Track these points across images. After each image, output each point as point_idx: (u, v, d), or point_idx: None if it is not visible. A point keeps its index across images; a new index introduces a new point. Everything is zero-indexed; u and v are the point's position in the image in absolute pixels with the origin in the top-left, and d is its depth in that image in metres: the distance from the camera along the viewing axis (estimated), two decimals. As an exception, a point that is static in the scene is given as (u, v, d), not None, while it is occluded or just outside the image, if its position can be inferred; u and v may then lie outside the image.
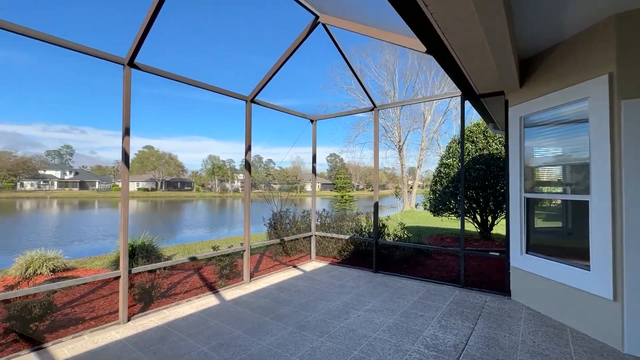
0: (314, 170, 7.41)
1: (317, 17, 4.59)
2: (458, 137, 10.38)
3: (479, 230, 9.77)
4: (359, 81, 5.90)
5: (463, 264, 5.15)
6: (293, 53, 5.03)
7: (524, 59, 4.33)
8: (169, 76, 4.28)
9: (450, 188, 9.30)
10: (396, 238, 7.30)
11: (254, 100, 5.54)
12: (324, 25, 4.70)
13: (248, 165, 5.51)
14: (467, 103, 5.46)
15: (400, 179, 36.53)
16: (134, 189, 65.73)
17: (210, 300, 4.64)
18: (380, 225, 7.08)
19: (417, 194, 33.92)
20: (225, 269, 5.45)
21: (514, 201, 4.55)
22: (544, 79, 4.06)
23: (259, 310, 4.24)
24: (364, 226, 7.66)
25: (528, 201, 4.41)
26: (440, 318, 3.95)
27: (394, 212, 23.46)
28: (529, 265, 4.29)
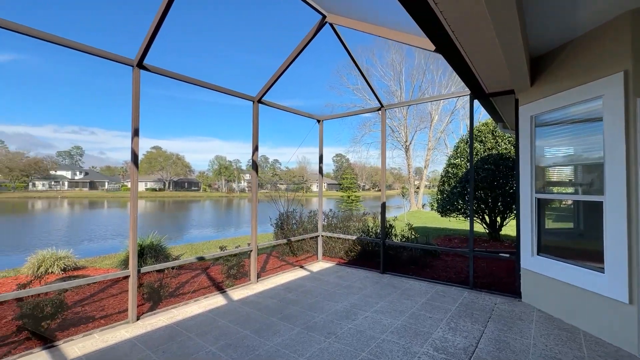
0: (320, 170, 7.40)
1: (325, 17, 4.58)
2: (466, 137, 10.26)
3: (487, 231, 9.64)
4: (366, 81, 5.87)
5: (472, 265, 5.08)
6: (300, 53, 5.03)
7: (535, 57, 4.26)
8: (177, 77, 4.31)
9: (458, 188, 9.20)
10: (404, 239, 7.25)
11: (260, 100, 5.55)
12: (331, 24, 4.68)
13: (255, 166, 5.52)
14: (476, 102, 5.39)
15: (406, 179, 36.33)
16: (142, 189, 66.57)
17: (218, 300, 4.65)
18: (388, 225, 7.04)
19: (424, 194, 33.68)
20: (233, 269, 5.47)
21: (524, 202, 4.47)
22: (556, 77, 3.98)
23: (266, 311, 4.24)
24: (371, 227, 7.62)
25: (539, 202, 4.33)
26: (449, 320, 3.90)
27: (401, 213, 23.32)
28: (540, 267, 4.21)
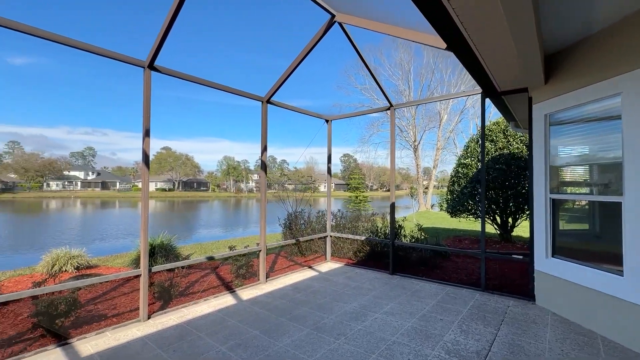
0: (329, 170, 7.38)
1: (334, 16, 4.56)
2: (476, 136, 10.11)
3: (498, 232, 9.47)
4: (375, 80, 5.82)
5: (484, 267, 4.99)
6: (309, 53, 5.01)
7: (549, 54, 4.15)
8: (187, 78, 4.35)
9: (468, 188, 9.06)
10: (413, 239, 7.17)
11: (269, 101, 5.55)
12: (340, 24, 4.65)
13: (264, 166, 5.53)
14: (487, 101, 5.29)
15: (415, 179, 36.01)
16: (152, 189, 67.56)
17: (228, 299, 4.67)
18: (397, 226, 6.97)
19: (433, 195, 33.32)
20: (242, 269, 5.49)
21: (538, 202, 4.36)
22: (572, 74, 3.88)
23: (275, 311, 4.23)
24: (380, 227, 7.56)
25: (554, 202, 4.23)
26: (461, 322, 3.83)
27: (410, 213, 23.13)
28: (555, 269, 4.11)
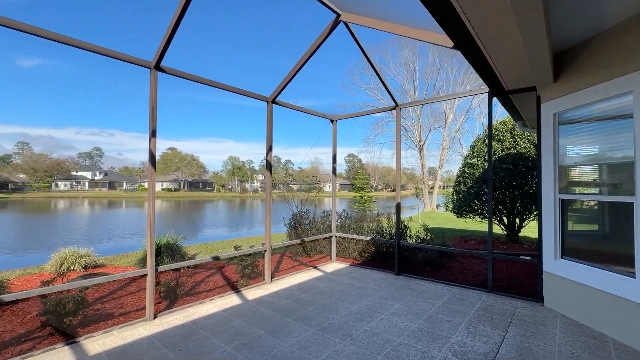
0: (334, 170, 7.36)
1: (339, 16, 4.54)
2: (483, 136, 10.01)
3: (505, 232, 9.37)
4: (381, 79, 5.79)
5: (491, 268, 4.93)
6: (314, 53, 5.00)
7: (558, 52, 4.09)
8: (193, 78, 4.36)
9: (474, 188, 8.97)
10: (419, 240, 7.12)
11: (274, 101, 5.55)
12: (346, 23, 4.63)
13: (269, 166, 5.53)
14: (494, 100, 5.23)
15: (420, 179, 35.82)
16: (158, 189, 68.13)
17: (233, 299, 4.68)
18: (402, 226, 6.93)
19: (438, 195, 33.10)
20: (247, 269, 5.49)
21: (547, 202, 4.30)
22: (582, 72, 3.81)
23: (280, 311, 4.23)
24: (385, 227, 7.52)
25: (563, 202, 4.16)
26: (468, 324, 3.79)
27: (415, 213, 23.01)
28: (564, 270, 4.04)
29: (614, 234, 3.81)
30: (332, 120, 7.11)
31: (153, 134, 3.92)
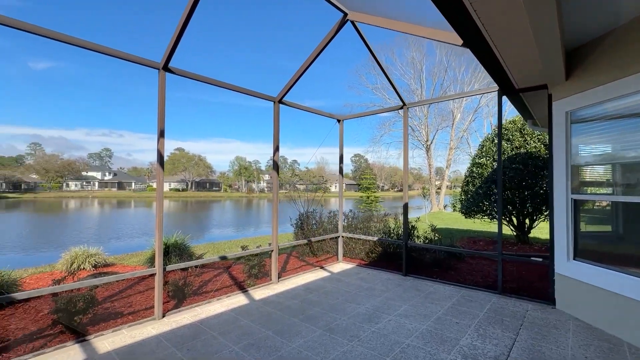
0: (340, 170, 7.33)
1: (346, 15, 4.51)
2: (491, 135, 9.88)
3: (515, 233, 9.22)
4: (388, 79, 5.75)
5: (501, 269, 4.85)
6: (321, 52, 4.99)
7: (570, 49, 4.00)
8: (200, 79, 4.38)
9: (483, 189, 8.85)
10: (426, 240, 7.05)
11: (281, 101, 5.55)
12: (353, 22, 4.61)
13: (276, 166, 5.53)
14: (504, 99, 5.14)
15: (427, 179, 35.52)
16: (166, 190, 68.88)
17: (240, 299, 4.69)
18: (410, 226, 6.87)
19: (446, 195, 32.78)
20: (254, 269, 5.50)
21: (559, 203, 4.21)
22: (595, 69, 3.72)
23: (287, 311, 4.22)
24: (392, 227, 7.46)
25: (575, 203, 4.07)
26: (478, 326, 3.73)
27: (422, 213, 22.84)
28: (577, 272, 3.95)
29: (628, 235, 3.71)
30: (339, 120, 7.09)
31: (161, 134, 3.94)
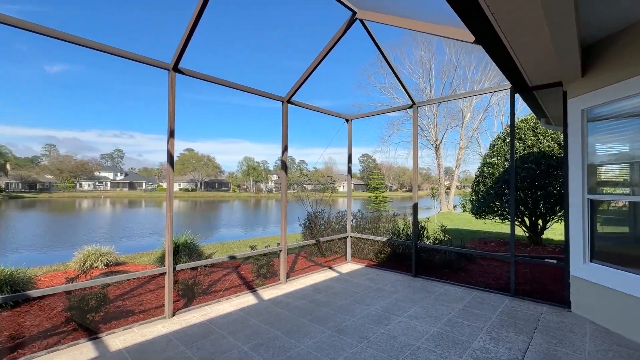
0: (349, 170, 7.29)
1: (355, 13, 4.48)
2: (503, 135, 9.69)
3: (527, 234, 9.04)
4: (397, 77, 5.69)
5: (514, 271, 4.75)
6: (329, 52, 4.96)
7: (586, 45, 3.89)
8: (209, 79, 4.41)
9: (494, 189, 8.70)
10: (436, 241, 6.95)
11: (290, 100, 5.55)
12: (362, 21, 4.57)
13: (284, 166, 5.53)
14: (516, 97, 5.03)
15: (436, 179, 35.12)
16: (176, 190, 69.77)
17: (249, 299, 4.70)
18: (419, 227, 6.78)
19: (455, 195, 32.36)
20: (263, 268, 5.51)
21: (574, 203, 4.09)
22: (614, 65, 3.60)
23: (296, 311, 4.21)
24: (402, 228, 7.39)
25: (592, 203, 3.95)
26: (490, 329, 3.65)
27: (431, 214, 22.59)
28: (593, 274, 3.83)
29: (648, 237, 3.59)
30: (347, 120, 7.05)
31: (171, 134, 3.98)
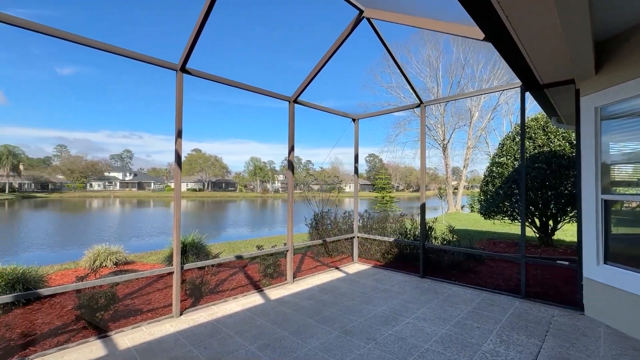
0: (356, 170, 7.26)
1: (362, 12, 4.45)
2: (512, 134, 9.53)
3: (537, 235, 8.88)
4: (405, 76, 5.64)
5: (524, 273, 4.66)
6: (336, 51, 4.94)
7: (600, 41, 3.79)
8: (216, 79, 4.42)
9: (504, 189, 8.56)
10: (444, 242, 6.87)
11: (296, 100, 5.54)
12: (369, 19, 4.54)
13: (291, 166, 5.52)
14: (527, 95, 4.94)
15: (444, 179, 34.80)
16: (183, 190, 70.43)
17: (256, 298, 4.70)
18: (427, 227, 6.71)
19: (463, 195, 32.00)
20: (269, 268, 5.51)
21: (587, 203, 4.00)
22: (629, 61, 3.50)
23: (303, 312, 4.19)
24: (409, 228, 7.32)
25: (606, 204, 3.85)
26: (500, 332, 3.58)
27: (439, 214, 22.39)
28: (607, 277, 3.74)
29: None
30: (354, 120, 7.01)
31: (179, 134, 4.00)
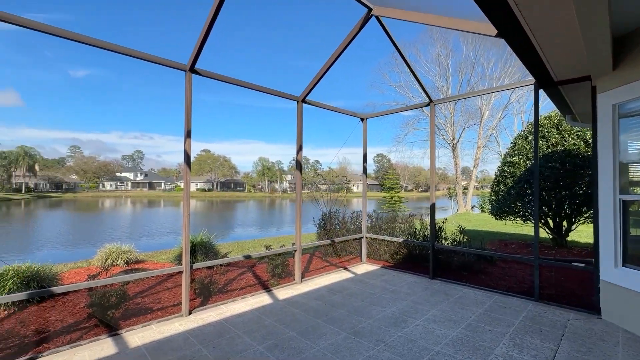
0: (364, 170, 7.21)
1: (370, 10, 4.40)
2: (524, 133, 9.33)
3: (550, 236, 8.67)
4: (414, 74, 5.57)
5: (538, 275, 4.54)
6: (344, 50, 4.90)
7: (618, 36, 3.66)
8: (225, 79, 4.44)
9: (515, 189, 8.39)
10: (454, 242, 6.76)
11: (304, 100, 5.52)
12: (377, 17, 4.49)
13: (299, 166, 5.51)
14: (540, 92, 4.82)
15: (453, 179, 34.35)
16: (192, 190, 71.31)
17: (264, 298, 4.70)
18: (437, 228, 6.62)
19: (473, 195, 31.54)
20: (278, 268, 5.51)
21: (604, 204, 3.87)
22: (648, 57, 3.38)
23: (311, 312, 4.17)
24: (418, 229, 7.23)
25: (624, 204, 3.72)
26: (514, 335, 3.49)
27: (449, 214, 22.11)
28: (626, 280, 3.61)
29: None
30: (363, 119, 6.96)
31: (188, 134, 4.02)
